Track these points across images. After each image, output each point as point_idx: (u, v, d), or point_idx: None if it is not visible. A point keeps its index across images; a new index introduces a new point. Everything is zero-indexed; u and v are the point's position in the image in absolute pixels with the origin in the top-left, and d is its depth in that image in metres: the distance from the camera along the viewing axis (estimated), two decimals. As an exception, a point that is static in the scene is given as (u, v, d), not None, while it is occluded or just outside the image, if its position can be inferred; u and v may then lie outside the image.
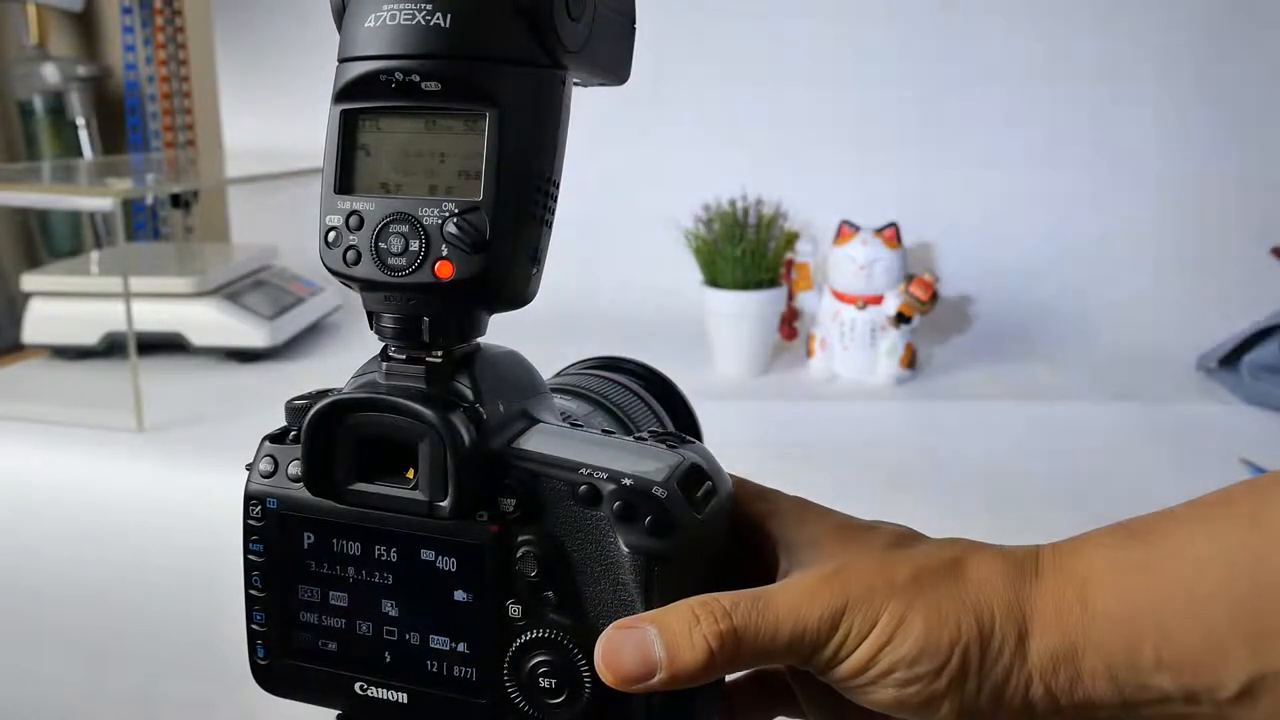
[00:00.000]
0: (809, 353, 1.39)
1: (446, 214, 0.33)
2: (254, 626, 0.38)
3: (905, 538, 0.36)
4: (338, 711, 0.39)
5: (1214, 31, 1.50)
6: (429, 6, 0.32)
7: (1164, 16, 1.51)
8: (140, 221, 2.06)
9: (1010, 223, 1.58)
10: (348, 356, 1.38)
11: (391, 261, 0.33)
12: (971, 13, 1.56)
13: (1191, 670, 0.31)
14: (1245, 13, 1.49)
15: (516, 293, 0.35)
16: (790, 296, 1.45)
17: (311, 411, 0.35)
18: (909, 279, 1.35)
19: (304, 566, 0.37)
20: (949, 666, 0.32)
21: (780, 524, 0.37)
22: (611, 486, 0.34)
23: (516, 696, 0.35)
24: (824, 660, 0.33)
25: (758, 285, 1.35)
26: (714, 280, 1.36)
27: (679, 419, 0.49)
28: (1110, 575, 0.32)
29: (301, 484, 0.36)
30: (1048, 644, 0.32)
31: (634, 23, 0.38)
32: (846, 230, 1.37)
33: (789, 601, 0.33)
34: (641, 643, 0.32)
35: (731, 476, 0.38)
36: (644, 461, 0.35)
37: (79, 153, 2.00)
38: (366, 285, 0.34)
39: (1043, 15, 1.55)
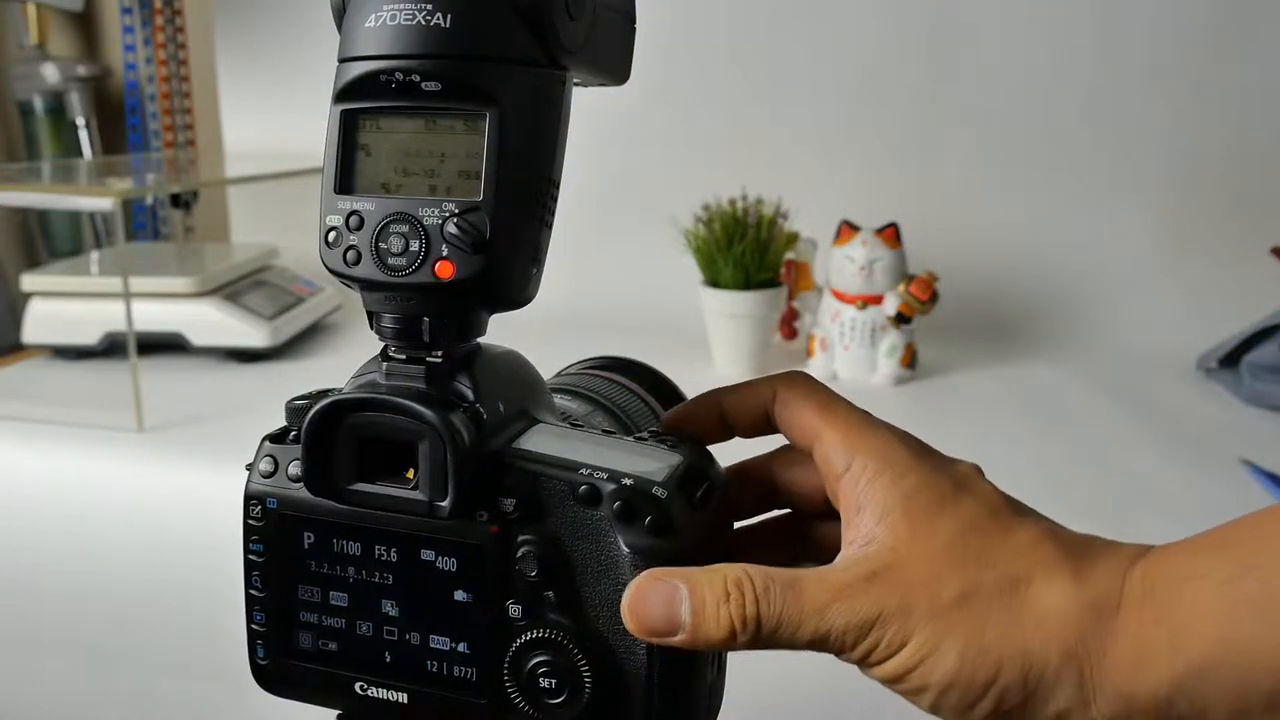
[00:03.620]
0: (809, 353, 1.39)
1: (447, 214, 0.33)
2: (254, 626, 0.38)
3: (987, 525, 0.32)
4: (338, 711, 0.39)
5: (1214, 31, 1.50)
6: (429, 6, 0.32)
7: (1164, 16, 1.51)
8: (140, 221, 2.06)
9: (1010, 223, 1.58)
10: (348, 356, 1.37)
11: (391, 261, 0.34)
12: (972, 13, 1.56)
13: None
14: (1245, 12, 1.49)
15: (516, 293, 0.35)
16: (790, 296, 1.45)
17: (311, 411, 0.35)
18: (909, 279, 1.35)
19: (304, 566, 0.37)
20: (981, 705, 0.31)
21: (851, 486, 0.34)
22: (611, 486, 0.34)
23: (516, 696, 0.35)
24: (851, 660, 0.32)
25: (758, 285, 1.34)
26: (714, 280, 1.36)
27: (679, 419, 0.48)
28: (1214, 613, 0.29)
29: (301, 484, 0.36)
30: (1118, 692, 0.30)
31: (634, 23, 0.38)
32: (846, 230, 1.37)
33: (818, 600, 0.32)
34: (671, 600, 0.32)
35: (790, 394, 0.38)
36: (644, 461, 0.35)
37: (79, 153, 2.00)
38: (366, 285, 0.34)
39: (1043, 15, 1.55)
